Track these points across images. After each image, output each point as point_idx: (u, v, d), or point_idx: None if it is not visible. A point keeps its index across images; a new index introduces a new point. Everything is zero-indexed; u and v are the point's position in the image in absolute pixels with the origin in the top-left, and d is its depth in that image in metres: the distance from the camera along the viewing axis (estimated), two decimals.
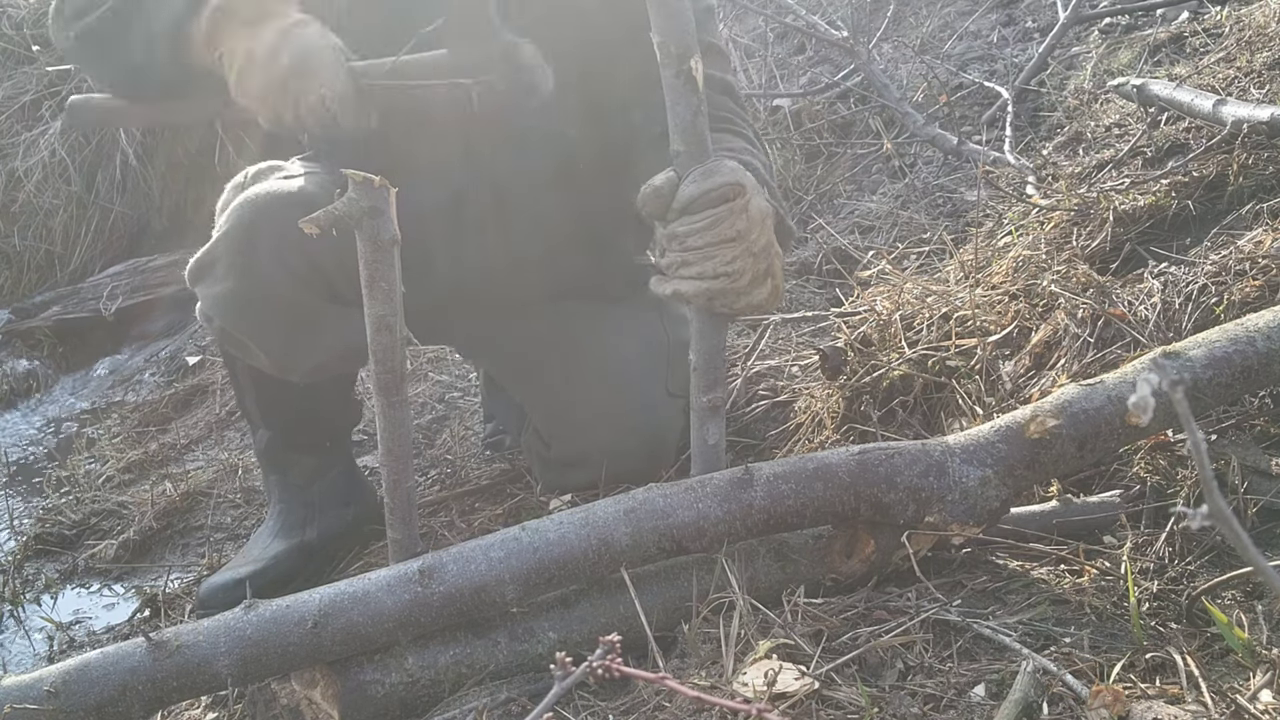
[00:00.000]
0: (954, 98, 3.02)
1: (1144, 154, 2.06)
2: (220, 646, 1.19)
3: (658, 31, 1.19)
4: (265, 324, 1.66)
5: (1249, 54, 2.18)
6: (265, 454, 1.94)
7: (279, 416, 1.89)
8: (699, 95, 1.20)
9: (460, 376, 2.68)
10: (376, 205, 1.18)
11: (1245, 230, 1.64)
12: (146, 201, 4.27)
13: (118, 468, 2.67)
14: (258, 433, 1.95)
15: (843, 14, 3.49)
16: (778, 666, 1.08)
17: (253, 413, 1.93)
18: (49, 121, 4.22)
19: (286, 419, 1.89)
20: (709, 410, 1.31)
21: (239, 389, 1.93)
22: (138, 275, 3.85)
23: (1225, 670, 1.04)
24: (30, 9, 4.48)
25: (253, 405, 1.90)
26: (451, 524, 1.93)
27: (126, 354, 3.67)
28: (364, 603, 1.20)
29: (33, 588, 2.20)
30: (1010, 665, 1.08)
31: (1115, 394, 1.19)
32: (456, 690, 1.25)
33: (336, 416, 1.96)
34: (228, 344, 1.77)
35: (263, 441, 1.93)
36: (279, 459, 1.93)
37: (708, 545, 1.24)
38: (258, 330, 1.67)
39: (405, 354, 1.27)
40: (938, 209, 2.62)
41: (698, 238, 1.19)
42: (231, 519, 2.29)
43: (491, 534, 1.26)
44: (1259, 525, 1.26)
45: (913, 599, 1.22)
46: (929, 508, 1.21)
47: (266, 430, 1.92)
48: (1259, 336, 1.19)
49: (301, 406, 1.85)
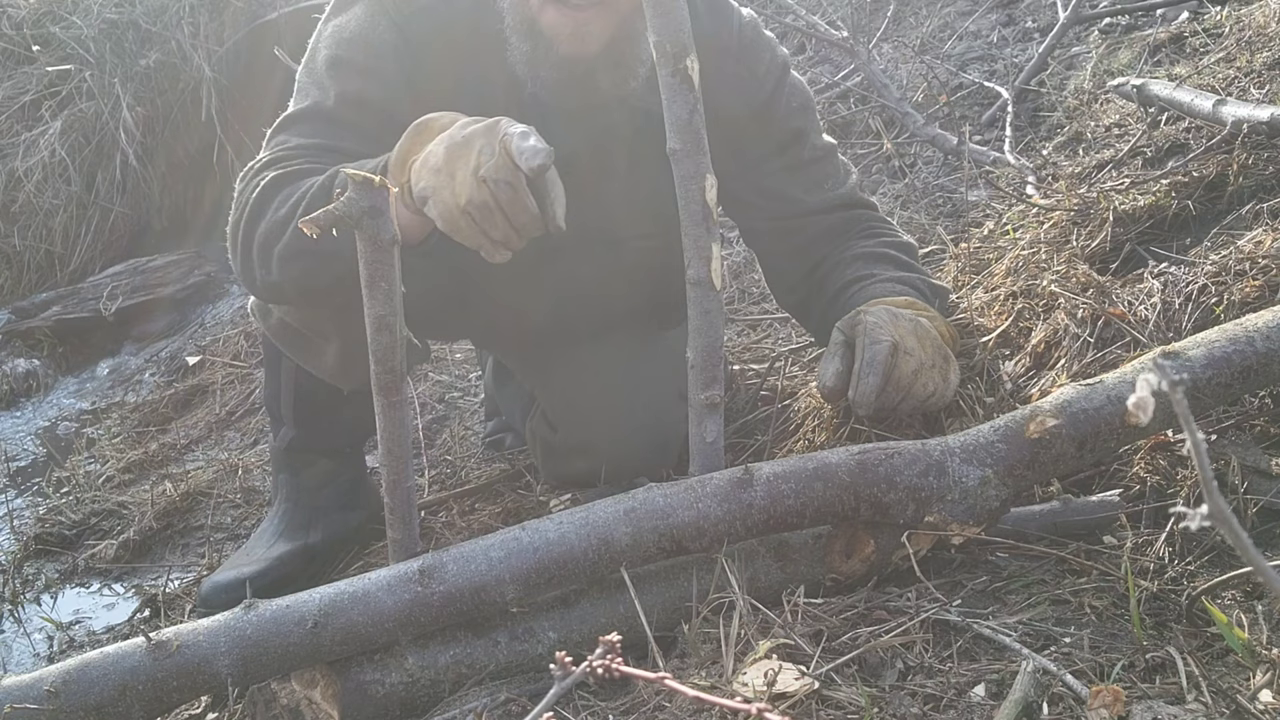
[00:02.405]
0: (954, 98, 3.02)
1: (1144, 154, 2.06)
2: (220, 646, 1.19)
3: (653, 31, 1.20)
4: (342, 328, 1.63)
5: (1249, 54, 2.18)
6: (285, 452, 1.95)
7: (309, 416, 1.90)
8: (694, 94, 1.21)
9: (460, 377, 2.68)
10: (376, 205, 1.18)
11: (1245, 230, 1.64)
12: (146, 201, 4.27)
13: (118, 468, 2.67)
14: (281, 430, 1.95)
15: (843, 14, 3.49)
16: (778, 666, 1.08)
17: (284, 410, 1.93)
18: (49, 121, 4.21)
19: (316, 419, 1.91)
20: (707, 408, 1.31)
21: (275, 385, 1.93)
22: (138, 275, 3.85)
23: (1225, 670, 1.04)
24: (30, 9, 4.48)
25: (286, 402, 1.91)
26: (451, 524, 1.93)
27: (126, 354, 3.67)
28: (364, 603, 1.20)
29: (33, 588, 2.20)
30: (1010, 665, 1.08)
31: (1115, 394, 1.19)
32: (456, 690, 1.25)
33: (363, 423, 1.96)
34: (283, 339, 1.78)
35: (285, 439, 1.94)
36: (296, 459, 1.94)
37: (708, 545, 1.24)
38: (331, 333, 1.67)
39: (405, 354, 1.27)
40: (938, 209, 2.62)
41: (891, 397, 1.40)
42: (231, 519, 2.29)
43: (491, 534, 1.26)
44: (1259, 525, 1.26)
45: (913, 599, 1.22)
46: (929, 507, 1.21)
47: (293, 429, 1.92)
48: (1258, 336, 1.19)
49: (333, 409, 1.86)
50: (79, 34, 4.22)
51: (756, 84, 1.68)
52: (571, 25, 1.46)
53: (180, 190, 4.30)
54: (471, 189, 1.26)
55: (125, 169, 4.14)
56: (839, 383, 1.40)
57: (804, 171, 1.72)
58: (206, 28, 4.17)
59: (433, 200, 1.30)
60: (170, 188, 4.29)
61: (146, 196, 4.26)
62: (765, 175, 1.71)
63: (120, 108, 4.10)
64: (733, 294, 2.53)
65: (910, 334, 1.41)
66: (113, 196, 4.19)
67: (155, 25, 4.18)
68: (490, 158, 1.25)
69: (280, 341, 1.80)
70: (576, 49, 1.48)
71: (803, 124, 1.72)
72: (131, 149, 4.11)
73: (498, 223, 1.28)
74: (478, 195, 1.26)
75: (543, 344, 1.84)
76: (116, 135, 4.11)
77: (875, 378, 1.35)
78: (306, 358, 1.77)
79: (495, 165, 1.24)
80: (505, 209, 1.27)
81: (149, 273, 3.86)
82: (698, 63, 1.21)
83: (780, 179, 1.71)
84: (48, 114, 4.26)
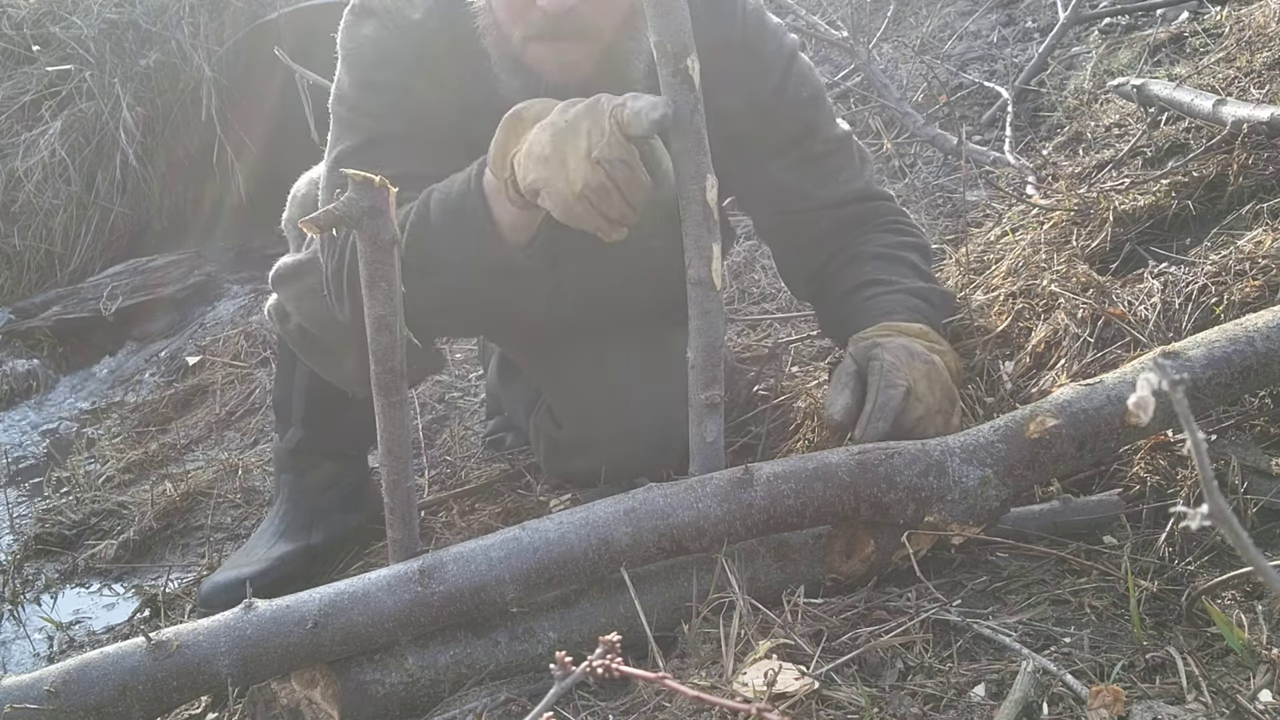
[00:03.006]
0: (954, 98, 3.02)
1: (1144, 154, 2.06)
2: (220, 646, 1.19)
3: (654, 31, 1.20)
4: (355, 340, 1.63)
5: (1249, 54, 2.18)
6: (291, 453, 1.95)
7: (320, 418, 1.91)
8: (695, 94, 1.21)
9: (460, 377, 2.68)
10: (376, 205, 1.18)
11: (1245, 230, 1.64)
12: (146, 201, 4.26)
13: (118, 468, 2.67)
14: (289, 432, 1.95)
15: (843, 14, 3.49)
16: (778, 666, 1.08)
17: (294, 411, 1.93)
18: (49, 121, 4.21)
19: (325, 422, 1.91)
20: (708, 408, 1.31)
21: (287, 387, 1.93)
22: (138, 275, 3.85)
23: (1225, 670, 1.04)
24: (30, 9, 4.48)
25: (297, 404, 1.92)
26: (451, 524, 1.93)
27: (126, 354, 3.67)
28: (364, 603, 1.20)
29: (33, 588, 2.20)
30: (1010, 665, 1.08)
31: (1115, 394, 1.19)
32: (456, 690, 1.25)
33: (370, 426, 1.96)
34: (300, 344, 1.79)
35: (293, 440, 1.94)
36: (302, 460, 1.94)
37: (708, 545, 1.24)
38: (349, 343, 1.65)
39: (405, 354, 1.27)
40: (938, 209, 2.62)
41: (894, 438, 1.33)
42: (231, 519, 2.29)
43: (491, 534, 1.26)
44: (1259, 525, 1.26)
45: (913, 599, 1.22)
46: (929, 507, 1.21)
47: (301, 430, 1.92)
48: (1258, 336, 1.19)
49: (344, 413, 1.87)
50: (79, 34, 4.22)
51: (763, 73, 1.65)
52: (554, 56, 1.45)
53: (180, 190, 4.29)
54: (586, 173, 1.24)
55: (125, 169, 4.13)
56: (846, 418, 1.40)
57: (816, 165, 1.69)
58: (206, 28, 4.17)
59: (545, 191, 1.28)
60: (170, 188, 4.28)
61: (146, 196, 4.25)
62: (776, 170, 1.69)
63: (120, 108, 4.10)
64: (733, 294, 2.53)
65: (923, 378, 1.41)
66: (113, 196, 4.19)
67: (155, 25, 4.17)
68: (601, 137, 1.23)
69: (298, 347, 1.81)
70: (565, 78, 1.46)
71: (813, 116, 1.69)
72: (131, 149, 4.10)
73: (614, 202, 1.26)
74: (593, 178, 1.24)
75: (555, 340, 1.84)
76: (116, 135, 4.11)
77: (884, 423, 1.35)
78: (325, 364, 1.78)
79: (608, 144, 1.22)
80: (622, 187, 1.25)
81: (149, 273, 3.85)
82: (699, 62, 1.21)
83: (792, 173, 1.68)
84: (48, 114, 4.25)
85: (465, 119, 1.53)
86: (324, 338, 1.72)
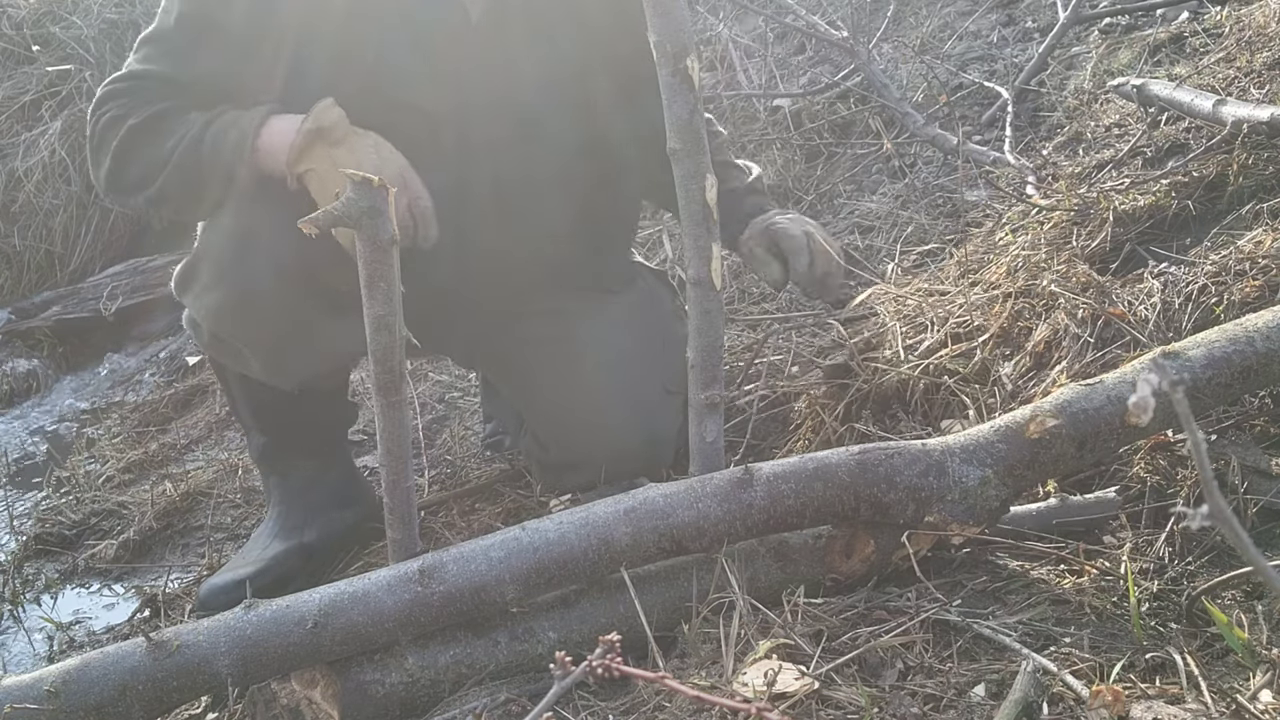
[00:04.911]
0: (954, 98, 3.02)
1: (1144, 154, 2.06)
2: (220, 646, 1.19)
3: (654, 31, 1.20)
4: (257, 331, 1.66)
5: (1249, 54, 2.18)
6: (262, 459, 1.94)
7: (273, 421, 1.89)
8: (695, 94, 1.21)
9: (460, 376, 2.68)
10: (375, 205, 1.18)
11: (1245, 230, 1.64)
12: None
13: (118, 468, 2.67)
14: (252, 438, 1.94)
15: (843, 14, 3.49)
16: (778, 666, 1.08)
17: (246, 418, 1.92)
18: (49, 121, 4.21)
19: (280, 424, 1.89)
20: (707, 407, 1.31)
21: (230, 396, 1.93)
22: (138, 275, 3.85)
23: (1225, 670, 1.04)
24: (30, 9, 4.48)
25: (245, 411, 1.90)
26: (451, 524, 1.93)
27: (126, 354, 3.67)
28: (364, 603, 1.20)
29: (33, 588, 2.20)
30: (1010, 665, 1.08)
31: (1115, 394, 1.19)
32: (456, 690, 1.25)
33: (331, 420, 1.96)
34: (217, 351, 1.78)
35: (258, 447, 1.93)
36: (278, 463, 1.93)
37: (708, 545, 1.24)
38: (249, 337, 1.68)
39: (405, 354, 1.27)
40: (938, 209, 2.62)
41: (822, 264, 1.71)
42: (231, 519, 2.29)
43: (491, 534, 1.26)
44: (1259, 525, 1.26)
45: (913, 599, 1.22)
46: (929, 507, 1.21)
47: (261, 435, 1.92)
48: (1258, 336, 1.19)
49: (294, 411, 1.85)
50: (79, 34, 4.22)
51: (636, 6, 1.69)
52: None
53: None
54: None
55: None
56: (783, 275, 1.73)
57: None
58: None
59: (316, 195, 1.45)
60: None
61: None
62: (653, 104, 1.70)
63: None
64: (733, 294, 2.53)
65: (805, 222, 1.75)
66: None
67: None
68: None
69: (216, 354, 1.80)
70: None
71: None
72: None
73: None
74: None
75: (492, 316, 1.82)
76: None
77: (805, 255, 1.68)
78: (242, 365, 1.76)
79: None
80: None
81: (149, 273, 3.86)
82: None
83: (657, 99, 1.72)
84: (48, 114, 4.26)
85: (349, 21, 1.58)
86: (230, 337, 1.71)
